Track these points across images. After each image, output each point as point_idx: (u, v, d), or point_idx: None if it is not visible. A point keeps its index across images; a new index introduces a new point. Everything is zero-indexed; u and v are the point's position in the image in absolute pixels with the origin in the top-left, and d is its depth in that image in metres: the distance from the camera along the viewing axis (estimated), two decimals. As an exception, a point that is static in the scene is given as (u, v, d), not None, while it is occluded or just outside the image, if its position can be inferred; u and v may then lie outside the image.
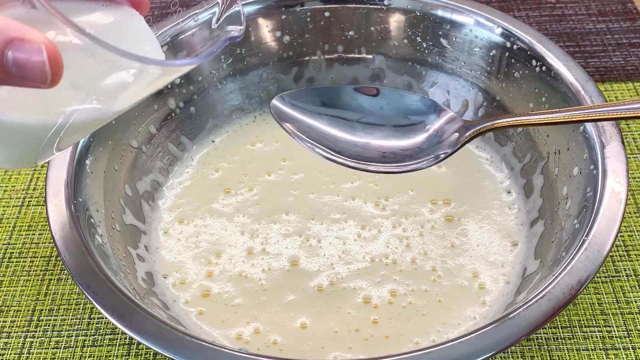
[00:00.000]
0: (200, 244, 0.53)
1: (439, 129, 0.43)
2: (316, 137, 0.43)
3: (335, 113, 0.44)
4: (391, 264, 0.51)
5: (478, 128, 0.42)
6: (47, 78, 0.30)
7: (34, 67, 0.30)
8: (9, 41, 0.29)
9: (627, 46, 0.70)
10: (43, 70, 0.30)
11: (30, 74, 0.30)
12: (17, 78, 0.30)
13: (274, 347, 0.46)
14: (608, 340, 0.47)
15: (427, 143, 0.43)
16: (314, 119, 0.43)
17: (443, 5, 0.59)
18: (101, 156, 0.52)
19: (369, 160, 0.42)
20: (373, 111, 0.44)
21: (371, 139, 0.43)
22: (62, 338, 0.49)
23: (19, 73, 0.30)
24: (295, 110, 0.43)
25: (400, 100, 0.44)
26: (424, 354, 0.38)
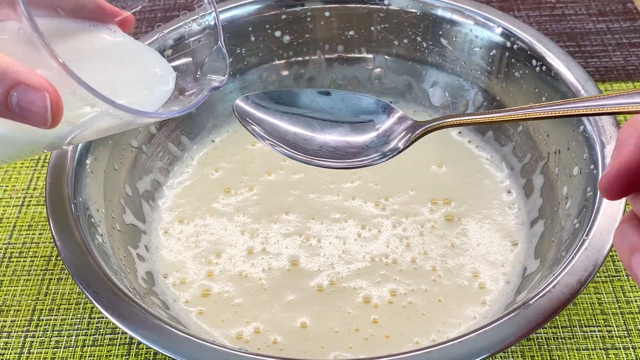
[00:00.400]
0: (200, 243, 0.53)
1: (388, 128, 0.45)
2: (276, 136, 0.45)
3: (295, 112, 0.46)
4: (391, 263, 0.51)
5: (425, 127, 0.44)
6: (48, 123, 0.32)
7: (36, 113, 0.31)
8: (16, 84, 0.31)
9: (627, 46, 0.70)
10: (44, 116, 0.32)
11: (32, 117, 0.32)
12: (19, 117, 0.32)
13: (274, 346, 0.46)
14: (608, 340, 0.47)
15: (375, 142, 0.45)
16: (275, 118, 0.45)
17: (443, 5, 0.59)
18: (101, 156, 0.52)
19: (324, 156, 0.44)
20: (330, 111, 0.46)
21: (327, 137, 0.45)
22: (62, 338, 0.49)
23: (22, 114, 0.32)
24: (258, 110, 0.45)
25: (356, 102, 0.46)
26: (424, 353, 0.38)
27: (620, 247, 0.32)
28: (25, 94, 0.31)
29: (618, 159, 0.31)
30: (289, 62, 0.63)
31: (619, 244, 0.32)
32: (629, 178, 0.30)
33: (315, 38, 0.63)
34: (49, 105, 0.31)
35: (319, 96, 0.47)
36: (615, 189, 0.31)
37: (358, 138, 0.45)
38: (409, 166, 0.57)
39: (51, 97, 0.31)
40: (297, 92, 0.47)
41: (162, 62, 0.43)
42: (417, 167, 0.57)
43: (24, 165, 0.61)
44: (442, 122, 0.43)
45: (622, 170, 0.30)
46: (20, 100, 0.31)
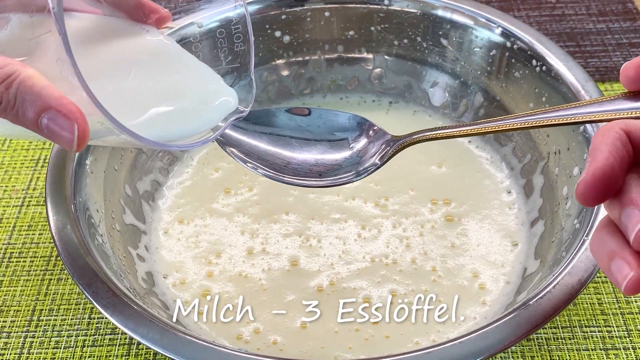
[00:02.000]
0: (200, 244, 0.53)
1: (364, 145, 0.45)
2: (257, 158, 0.45)
3: (273, 132, 0.46)
4: (391, 264, 0.51)
5: (402, 142, 0.43)
6: (73, 148, 0.33)
7: (63, 138, 0.33)
8: (48, 108, 0.32)
9: (627, 46, 0.70)
10: (71, 143, 0.33)
11: (59, 141, 0.33)
12: (46, 137, 0.33)
13: (274, 347, 0.46)
14: (608, 340, 0.47)
15: (349, 160, 0.45)
16: (255, 139, 0.45)
17: (443, 5, 0.59)
18: (101, 156, 0.52)
19: (304, 175, 0.44)
20: (309, 130, 0.46)
21: (306, 156, 0.45)
22: (62, 338, 0.49)
23: (49, 136, 0.33)
24: (237, 133, 0.45)
25: (333, 119, 0.46)
26: (424, 353, 0.38)
27: (598, 254, 0.32)
28: (55, 120, 0.32)
29: (593, 165, 0.31)
30: (289, 62, 0.63)
31: (596, 250, 0.32)
32: (604, 184, 0.31)
33: (315, 38, 0.63)
34: (76, 133, 0.33)
35: (296, 116, 0.46)
36: (592, 195, 0.31)
37: (336, 155, 0.45)
38: (408, 166, 0.57)
39: (80, 127, 0.33)
40: (274, 112, 0.46)
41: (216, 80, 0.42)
42: (417, 167, 0.57)
43: (24, 165, 0.61)
44: (418, 136, 0.43)
45: (598, 176, 0.31)
46: (50, 124, 0.33)
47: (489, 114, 0.59)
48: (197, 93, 0.41)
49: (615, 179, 0.31)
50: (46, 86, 0.32)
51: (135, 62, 0.40)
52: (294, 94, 0.64)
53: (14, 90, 0.33)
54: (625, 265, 0.31)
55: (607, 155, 0.31)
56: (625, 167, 0.31)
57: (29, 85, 0.32)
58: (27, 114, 0.33)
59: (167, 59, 0.41)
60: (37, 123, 0.33)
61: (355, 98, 0.64)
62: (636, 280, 0.30)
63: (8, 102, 0.33)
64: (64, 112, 0.32)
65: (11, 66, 0.33)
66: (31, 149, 0.62)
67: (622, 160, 0.31)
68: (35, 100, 0.32)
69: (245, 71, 0.44)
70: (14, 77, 0.33)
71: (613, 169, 0.31)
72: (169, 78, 0.40)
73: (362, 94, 0.64)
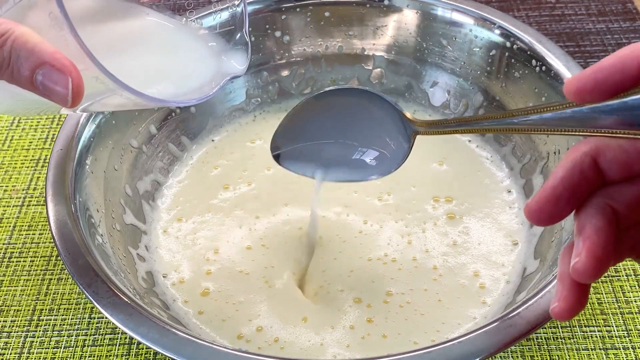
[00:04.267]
0: (197, 240, 0.53)
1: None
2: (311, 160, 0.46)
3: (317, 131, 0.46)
4: (390, 262, 0.51)
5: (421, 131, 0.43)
6: (68, 103, 0.33)
7: (58, 93, 0.33)
8: (42, 64, 0.32)
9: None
10: (66, 97, 0.33)
11: (54, 96, 0.33)
12: (41, 94, 0.33)
13: (275, 345, 0.46)
14: (608, 340, 0.47)
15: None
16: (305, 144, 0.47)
17: (443, 5, 0.59)
18: (101, 156, 0.52)
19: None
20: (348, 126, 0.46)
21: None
22: (62, 338, 0.49)
23: (44, 92, 0.33)
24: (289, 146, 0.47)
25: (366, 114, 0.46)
26: (423, 353, 0.38)
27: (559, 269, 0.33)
28: (49, 75, 0.33)
29: (541, 190, 0.31)
30: (289, 62, 0.63)
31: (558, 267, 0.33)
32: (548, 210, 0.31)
33: (315, 38, 0.63)
34: (70, 87, 0.33)
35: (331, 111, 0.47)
36: (535, 218, 0.31)
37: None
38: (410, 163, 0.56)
39: (74, 80, 0.33)
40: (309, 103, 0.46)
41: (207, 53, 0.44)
42: (418, 164, 0.57)
43: (24, 165, 0.61)
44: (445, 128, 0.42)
45: (542, 203, 0.31)
46: (44, 80, 0.33)
47: (489, 114, 0.59)
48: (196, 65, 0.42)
49: (560, 206, 0.31)
50: (40, 42, 0.33)
51: (135, 39, 0.41)
52: (294, 94, 0.64)
53: (8, 47, 0.33)
54: (559, 291, 0.31)
55: (557, 183, 0.31)
56: (579, 194, 0.31)
57: (22, 42, 0.33)
58: (22, 71, 0.33)
59: (166, 36, 0.42)
60: (32, 80, 0.33)
61: (355, 98, 0.64)
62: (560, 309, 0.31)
63: (3, 60, 0.33)
64: (58, 66, 0.32)
65: (4, 25, 0.33)
66: (31, 149, 0.62)
67: (575, 188, 0.31)
68: (29, 57, 0.33)
69: (240, 33, 0.44)
70: (8, 34, 0.33)
71: (558, 197, 0.30)
72: (166, 54, 0.41)
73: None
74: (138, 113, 0.56)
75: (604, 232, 0.30)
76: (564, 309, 0.31)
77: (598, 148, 0.31)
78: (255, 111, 0.63)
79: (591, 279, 0.30)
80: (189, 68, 0.42)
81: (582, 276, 0.30)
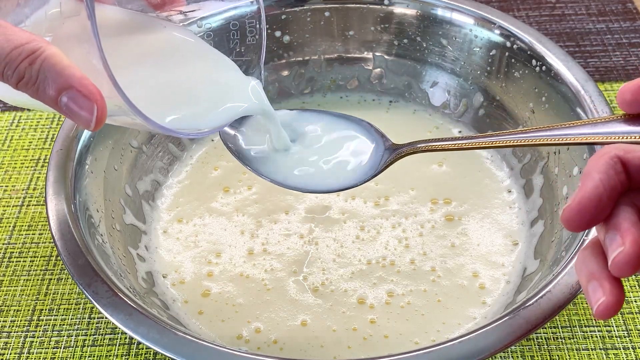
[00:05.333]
0: (199, 243, 0.53)
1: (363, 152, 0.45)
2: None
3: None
4: (389, 265, 0.51)
5: (399, 151, 0.44)
6: (90, 128, 0.34)
7: (81, 117, 0.33)
8: (69, 88, 0.33)
9: (627, 46, 0.70)
10: (89, 123, 0.34)
11: (77, 120, 0.34)
12: (64, 114, 0.34)
13: (274, 346, 0.46)
14: (608, 340, 0.47)
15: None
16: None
17: (443, 5, 0.59)
18: (101, 156, 0.52)
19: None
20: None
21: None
22: (62, 338, 0.49)
23: (68, 114, 0.34)
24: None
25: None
26: (424, 353, 0.38)
27: (580, 273, 0.32)
28: (75, 99, 0.33)
29: (580, 193, 0.31)
30: (289, 62, 0.63)
31: (579, 269, 0.33)
32: (590, 212, 0.30)
33: (315, 38, 0.63)
34: (95, 114, 0.33)
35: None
36: (577, 222, 0.31)
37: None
38: (409, 165, 0.57)
39: (99, 108, 0.33)
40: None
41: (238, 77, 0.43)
42: (418, 166, 0.57)
43: (24, 165, 0.61)
44: (416, 147, 0.43)
45: (584, 204, 0.30)
46: (70, 103, 0.33)
47: (489, 114, 0.59)
48: (215, 87, 0.42)
49: (601, 207, 0.30)
50: (69, 66, 0.33)
51: (157, 54, 0.40)
52: (294, 94, 0.64)
53: (37, 66, 0.33)
54: (600, 289, 0.31)
55: (597, 184, 0.30)
56: (614, 196, 0.31)
57: (52, 63, 0.33)
58: (48, 91, 0.33)
59: (188, 52, 0.42)
60: (57, 101, 0.33)
61: (355, 97, 0.64)
62: (607, 305, 0.30)
63: (30, 78, 0.33)
64: (85, 92, 0.33)
65: (36, 42, 0.33)
66: (31, 149, 0.62)
67: (612, 189, 0.31)
68: (57, 78, 0.33)
69: (257, 65, 0.44)
70: (39, 53, 0.33)
71: (600, 198, 0.30)
72: (187, 71, 0.41)
73: (362, 93, 0.64)
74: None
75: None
76: (612, 302, 0.30)
77: (626, 153, 0.31)
78: (255, 111, 0.63)
79: (633, 270, 0.29)
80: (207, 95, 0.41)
81: (625, 267, 0.29)
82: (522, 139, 0.38)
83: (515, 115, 0.57)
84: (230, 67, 0.43)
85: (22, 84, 0.34)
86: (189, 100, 0.40)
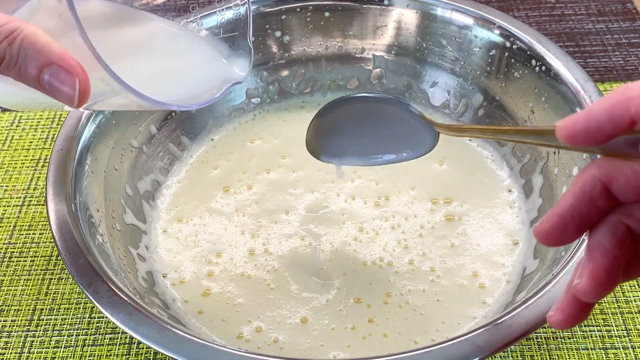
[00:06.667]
0: (199, 243, 0.53)
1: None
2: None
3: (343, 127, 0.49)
4: (386, 266, 0.51)
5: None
6: (74, 103, 0.34)
7: (64, 93, 0.33)
8: (50, 64, 0.33)
9: (627, 46, 0.70)
10: (72, 98, 0.33)
11: (60, 96, 0.33)
12: (48, 93, 0.34)
13: (274, 345, 0.46)
14: (607, 340, 0.47)
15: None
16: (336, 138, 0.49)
17: (443, 5, 0.59)
18: (101, 156, 0.52)
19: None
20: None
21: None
22: (62, 337, 0.49)
23: (51, 91, 0.33)
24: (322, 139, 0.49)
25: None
26: (424, 353, 0.38)
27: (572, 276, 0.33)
28: (56, 75, 0.33)
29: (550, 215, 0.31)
30: (289, 62, 0.63)
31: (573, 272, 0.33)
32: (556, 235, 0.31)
33: (315, 38, 0.63)
34: (77, 88, 0.33)
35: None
36: (544, 240, 0.31)
37: None
38: (410, 164, 0.57)
39: (81, 81, 0.33)
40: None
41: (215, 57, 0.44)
42: (418, 164, 0.57)
43: (25, 165, 0.61)
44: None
45: (553, 224, 0.31)
46: (51, 79, 0.33)
47: (489, 114, 0.59)
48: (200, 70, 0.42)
49: (568, 233, 0.30)
50: (48, 42, 0.33)
51: (141, 43, 0.41)
52: (294, 94, 0.64)
53: (17, 46, 0.33)
54: (560, 301, 0.32)
55: (564, 211, 0.30)
56: (588, 221, 0.30)
57: (31, 42, 0.33)
58: (30, 70, 0.33)
59: (171, 41, 0.42)
60: (39, 79, 0.33)
61: (355, 97, 0.64)
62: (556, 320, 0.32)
63: (11, 58, 0.33)
64: (65, 67, 0.33)
65: (14, 23, 0.33)
66: (31, 149, 0.62)
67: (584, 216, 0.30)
68: (38, 56, 0.33)
69: (244, 39, 0.44)
70: (17, 33, 0.33)
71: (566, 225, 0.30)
72: (171, 59, 0.42)
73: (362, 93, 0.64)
74: (138, 113, 0.56)
75: (611, 254, 0.30)
76: (559, 319, 0.32)
77: (609, 174, 0.30)
78: (255, 111, 0.63)
79: (592, 300, 0.30)
80: (192, 72, 0.42)
81: (583, 297, 0.30)
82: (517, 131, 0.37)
83: (515, 115, 0.57)
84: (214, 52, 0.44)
85: (4, 66, 0.34)
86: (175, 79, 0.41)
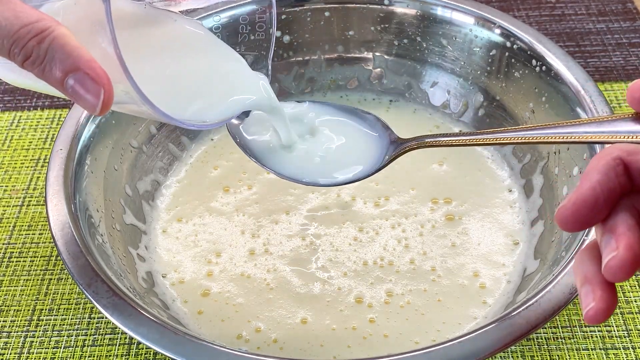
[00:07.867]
0: (199, 243, 0.53)
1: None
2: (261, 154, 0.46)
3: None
4: (387, 265, 0.51)
5: (405, 145, 0.43)
6: (96, 112, 0.33)
7: (87, 101, 0.33)
8: (76, 69, 0.32)
9: (627, 46, 0.70)
10: (94, 106, 0.33)
11: (82, 103, 0.33)
12: (69, 96, 0.33)
13: (274, 345, 0.46)
14: (608, 340, 0.47)
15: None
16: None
17: (443, 5, 0.59)
18: (101, 156, 0.52)
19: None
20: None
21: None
22: (62, 337, 0.49)
23: (73, 96, 0.33)
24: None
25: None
26: (424, 353, 0.38)
27: (575, 275, 0.32)
28: (82, 82, 0.32)
29: (576, 194, 0.30)
30: (289, 62, 0.63)
31: (575, 271, 0.32)
32: (584, 214, 0.30)
33: (315, 38, 0.63)
34: (102, 98, 0.32)
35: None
36: (570, 223, 0.30)
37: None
38: (409, 164, 0.57)
39: (106, 92, 0.32)
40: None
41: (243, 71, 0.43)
42: (418, 165, 0.57)
43: (24, 165, 0.61)
44: (423, 141, 0.43)
45: (578, 205, 0.30)
46: (76, 85, 0.32)
47: (489, 114, 0.59)
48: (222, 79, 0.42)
49: (597, 210, 0.30)
50: (78, 47, 0.32)
51: (167, 47, 0.40)
52: (294, 94, 0.64)
53: (46, 45, 0.32)
54: (591, 294, 0.30)
55: (594, 185, 0.30)
56: (613, 198, 0.30)
57: (61, 44, 0.32)
58: (54, 72, 0.33)
59: (197, 45, 0.42)
60: (63, 82, 0.33)
61: (355, 96, 0.64)
62: (596, 311, 0.30)
63: (37, 57, 0.33)
64: (93, 75, 0.32)
65: (46, 21, 0.33)
66: (31, 149, 0.62)
67: (610, 191, 0.30)
68: (65, 59, 0.32)
69: (263, 60, 0.44)
70: (48, 32, 0.33)
71: (596, 200, 0.30)
72: (196, 63, 0.41)
73: (362, 93, 0.64)
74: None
75: (637, 230, 0.29)
76: (601, 309, 0.30)
77: (629, 155, 0.30)
78: (255, 111, 0.63)
79: (626, 275, 0.29)
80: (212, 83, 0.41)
81: (618, 272, 0.29)
82: (528, 135, 0.37)
83: (515, 115, 0.57)
84: (238, 60, 0.43)
85: (29, 63, 0.33)
86: (197, 92, 0.40)
